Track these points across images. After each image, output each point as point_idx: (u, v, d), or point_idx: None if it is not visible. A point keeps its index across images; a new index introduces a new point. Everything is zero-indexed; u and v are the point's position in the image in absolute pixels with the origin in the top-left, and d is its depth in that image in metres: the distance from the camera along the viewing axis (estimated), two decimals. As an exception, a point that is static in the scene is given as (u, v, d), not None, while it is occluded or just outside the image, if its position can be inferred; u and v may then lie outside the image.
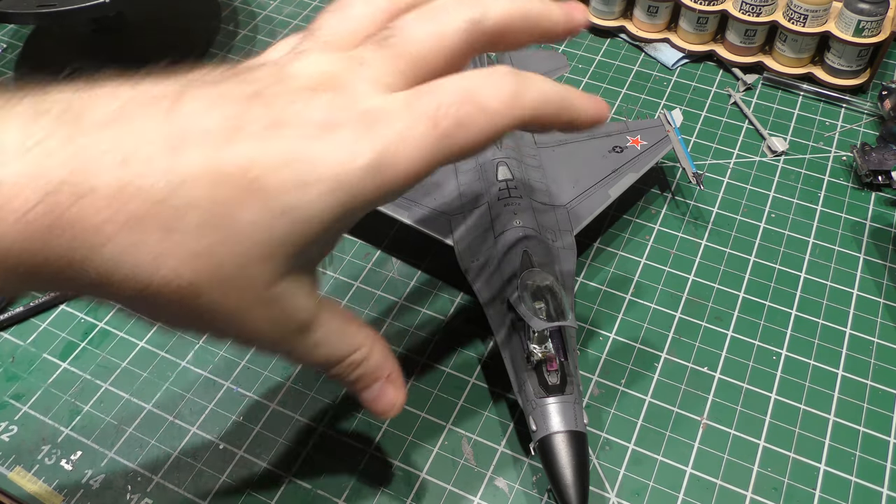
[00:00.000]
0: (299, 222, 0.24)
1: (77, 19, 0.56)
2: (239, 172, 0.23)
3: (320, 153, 0.24)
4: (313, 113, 0.24)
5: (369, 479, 0.40)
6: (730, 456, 0.41)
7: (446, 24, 0.27)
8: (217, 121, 0.23)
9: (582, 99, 0.29)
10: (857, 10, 0.57)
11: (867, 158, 0.54)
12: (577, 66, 0.64)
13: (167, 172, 0.22)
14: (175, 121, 0.23)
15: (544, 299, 0.39)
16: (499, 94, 0.26)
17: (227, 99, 0.24)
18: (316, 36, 0.28)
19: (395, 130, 0.25)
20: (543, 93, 0.28)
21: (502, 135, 0.27)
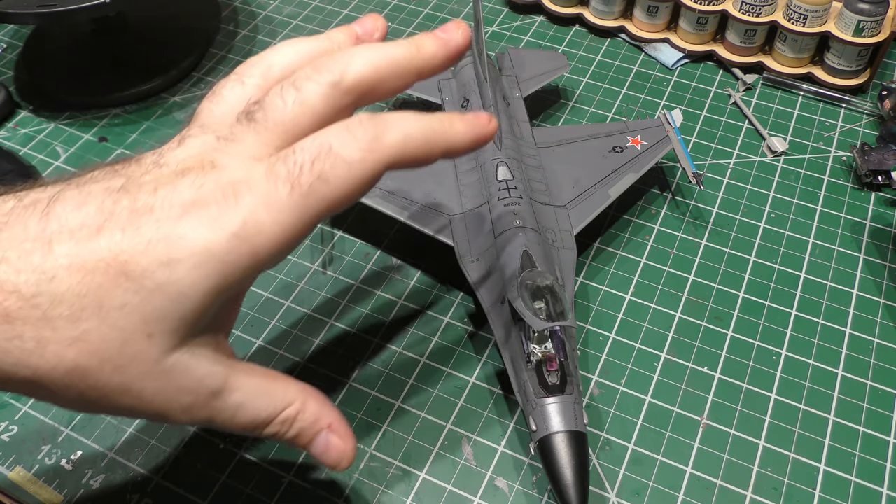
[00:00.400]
0: (174, 298, 0.25)
1: (77, 19, 0.56)
2: (108, 260, 0.25)
3: (186, 230, 0.26)
4: (180, 195, 0.26)
5: (369, 479, 0.40)
6: (730, 456, 0.41)
7: (307, 90, 0.29)
8: (86, 216, 0.26)
9: (455, 125, 0.30)
10: (857, 10, 0.57)
11: (867, 158, 0.54)
12: (577, 66, 0.64)
13: (38, 269, 0.25)
14: (49, 221, 0.25)
15: (544, 299, 0.39)
16: (356, 143, 0.27)
17: (97, 194, 0.26)
18: (196, 122, 0.30)
19: (257, 197, 0.26)
20: (405, 131, 0.28)
21: (371, 180, 0.28)
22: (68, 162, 0.57)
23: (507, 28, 0.68)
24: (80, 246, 0.25)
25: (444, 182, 0.50)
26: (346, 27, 0.33)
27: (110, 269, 0.25)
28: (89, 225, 0.25)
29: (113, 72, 0.63)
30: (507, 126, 0.51)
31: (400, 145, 0.28)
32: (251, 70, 0.31)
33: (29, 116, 0.61)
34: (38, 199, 0.26)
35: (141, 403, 0.27)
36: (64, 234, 0.25)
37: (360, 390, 0.44)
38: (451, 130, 0.30)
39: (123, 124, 0.60)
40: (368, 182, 0.28)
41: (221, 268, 0.26)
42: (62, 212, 0.26)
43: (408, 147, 0.29)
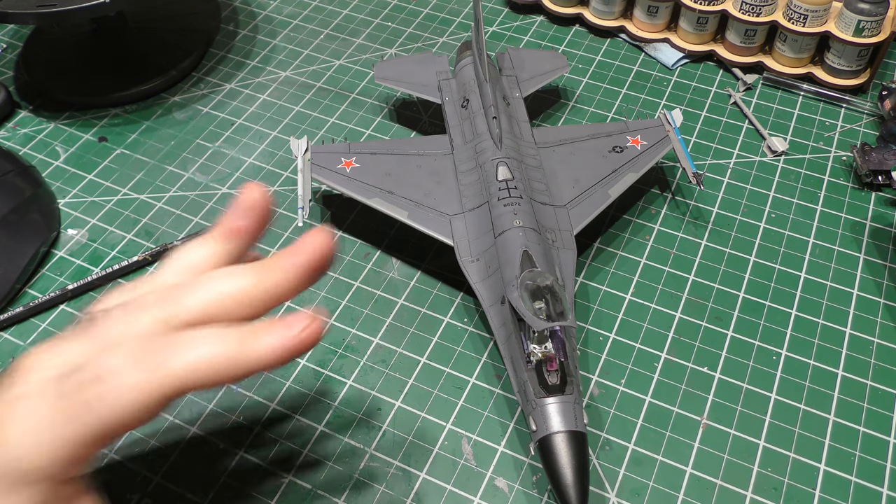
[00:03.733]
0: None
1: (77, 19, 0.56)
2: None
3: None
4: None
5: (369, 479, 0.40)
6: (730, 456, 0.41)
7: (139, 319, 0.29)
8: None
9: (260, 340, 0.28)
10: (857, 10, 0.57)
11: (867, 158, 0.54)
12: (577, 66, 0.64)
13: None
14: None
15: (544, 299, 0.39)
16: (137, 363, 0.27)
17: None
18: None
19: (33, 412, 0.28)
20: (195, 357, 0.28)
21: (155, 406, 0.28)
22: (68, 162, 0.57)
23: (507, 28, 0.68)
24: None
25: (444, 182, 0.50)
26: (220, 226, 0.32)
27: None
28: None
29: (113, 72, 0.63)
30: (507, 126, 0.51)
31: (187, 373, 0.27)
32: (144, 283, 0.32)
33: (29, 116, 0.61)
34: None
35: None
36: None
37: (360, 390, 0.44)
38: (253, 351, 0.28)
39: (123, 124, 0.60)
40: (150, 408, 0.27)
41: (5, 489, 0.27)
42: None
43: (197, 375, 0.28)
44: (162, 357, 0.28)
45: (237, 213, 0.32)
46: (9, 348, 0.46)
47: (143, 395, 0.27)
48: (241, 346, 0.28)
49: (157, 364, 0.27)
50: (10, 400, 0.28)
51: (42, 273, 0.50)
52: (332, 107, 0.61)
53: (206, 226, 0.52)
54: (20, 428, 0.27)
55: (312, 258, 0.30)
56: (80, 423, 0.27)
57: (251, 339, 0.28)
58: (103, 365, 0.28)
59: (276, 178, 0.56)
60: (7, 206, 0.51)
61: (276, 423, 0.42)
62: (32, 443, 0.27)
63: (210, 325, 0.29)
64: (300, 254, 0.30)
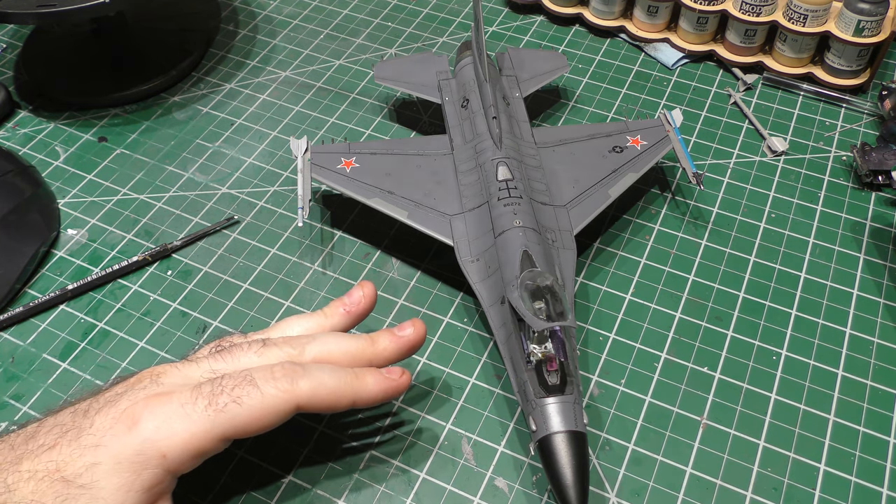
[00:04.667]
0: (93, 496, 0.31)
1: (77, 19, 0.56)
2: (51, 470, 0.31)
3: (107, 439, 0.32)
4: (117, 408, 0.33)
5: (369, 479, 0.40)
6: (730, 456, 0.41)
7: (270, 353, 0.37)
8: (47, 438, 0.33)
9: (367, 380, 0.37)
10: (857, 10, 0.57)
11: (867, 158, 0.54)
12: (577, 66, 0.64)
13: (4, 483, 0.31)
14: (27, 444, 0.32)
15: (544, 299, 0.39)
16: (273, 381, 0.34)
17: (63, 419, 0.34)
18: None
19: (174, 406, 0.33)
20: (318, 382, 0.35)
21: (281, 413, 0.34)
22: (68, 162, 0.57)
23: (507, 28, 0.68)
24: (36, 461, 0.31)
25: (444, 182, 0.50)
26: (335, 303, 0.41)
27: (52, 477, 0.31)
28: (48, 444, 0.32)
29: (113, 72, 0.63)
30: (507, 126, 0.51)
31: (310, 392, 0.35)
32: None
33: (29, 116, 0.61)
34: (30, 428, 0.33)
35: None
36: (30, 453, 0.32)
37: (360, 390, 0.44)
38: (360, 386, 0.36)
39: (123, 124, 0.60)
40: (278, 415, 0.34)
41: (133, 467, 0.32)
42: (35, 436, 0.33)
43: (317, 395, 0.35)
44: (291, 378, 0.35)
45: (349, 301, 0.41)
46: (9, 348, 0.46)
47: (275, 403, 0.34)
48: (352, 380, 0.36)
49: (289, 381, 0.34)
50: (145, 397, 0.33)
51: (42, 273, 0.50)
52: (332, 107, 0.61)
53: (205, 225, 0.52)
54: (158, 418, 0.32)
55: (409, 343, 0.39)
56: (214, 421, 0.33)
57: (360, 377, 0.37)
58: (243, 378, 0.34)
59: (276, 178, 0.56)
60: (7, 206, 0.51)
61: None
62: (167, 432, 0.32)
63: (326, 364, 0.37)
64: (401, 339, 0.39)
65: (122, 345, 0.46)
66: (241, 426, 0.34)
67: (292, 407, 0.34)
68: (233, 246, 0.51)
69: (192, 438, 0.33)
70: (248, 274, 0.50)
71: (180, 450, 0.32)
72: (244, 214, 0.53)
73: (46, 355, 0.46)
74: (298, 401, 0.34)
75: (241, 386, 0.34)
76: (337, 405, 0.36)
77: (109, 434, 0.32)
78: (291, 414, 0.35)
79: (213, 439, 0.33)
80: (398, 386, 0.38)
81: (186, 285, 0.49)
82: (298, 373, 0.35)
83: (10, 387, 0.44)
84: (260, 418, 0.34)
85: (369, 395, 0.37)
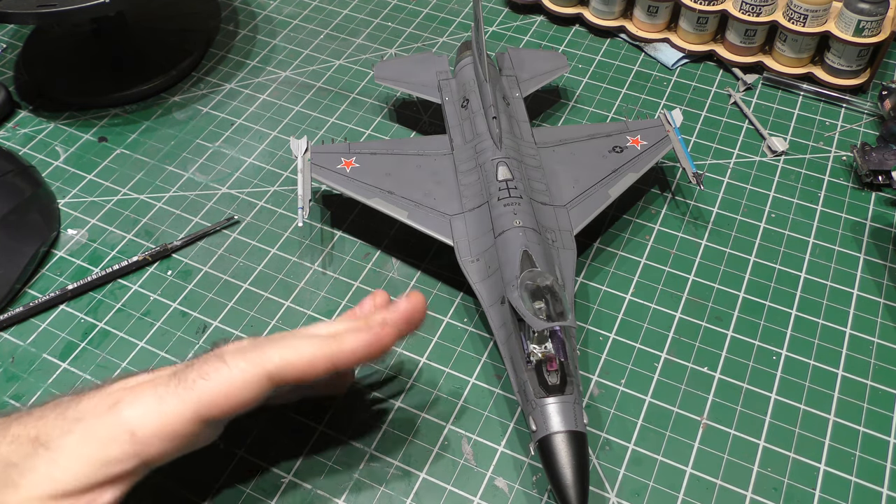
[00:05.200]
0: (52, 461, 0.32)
1: (77, 19, 0.56)
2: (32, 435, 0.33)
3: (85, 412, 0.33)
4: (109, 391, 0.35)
5: (369, 479, 0.40)
6: (730, 456, 0.41)
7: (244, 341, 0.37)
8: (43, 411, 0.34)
9: (345, 342, 0.35)
10: (857, 10, 0.57)
11: (867, 158, 0.54)
12: (577, 66, 0.64)
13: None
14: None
15: (544, 299, 0.39)
16: (242, 355, 0.34)
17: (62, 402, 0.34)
18: None
19: (151, 390, 0.34)
20: (290, 351, 0.34)
21: (253, 387, 0.33)
22: (68, 162, 0.57)
23: (507, 28, 0.68)
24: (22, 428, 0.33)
25: (444, 182, 0.50)
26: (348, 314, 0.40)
27: (29, 440, 0.33)
28: (39, 416, 0.34)
29: (113, 72, 0.63)
30: (507, 126, 0.51)
31: (281, 361, 0.34)
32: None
33: (29, 116, 0.61)
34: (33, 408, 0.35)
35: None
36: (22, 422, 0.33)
37: (360, 390, 0.44)
38: (337, 346, 0.35)
39: (123, 124, 0.60)
40: (250, 388, 0.33)
41: (100, 441, 0.32)
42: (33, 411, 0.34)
43: (290, 363, 0.34)
44: (261, 350, 0.34)
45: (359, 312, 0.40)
46: (9, 348, 0.46)
47: (244, 376, 0.33)
48: (328, 344, 0.35)
49: (258, 355, 0.34)
50: (130, 386, 0.34)
51: (42, 273, 0.50)
52: (332, 107, 0.61)
53: (205, 225, 0.52)
54: (136, 400, 0.33)
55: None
56: (183, 398, 0.33)
57: (338, 340, 0.35)
58: (214, 356, 0.34)
59: (276, 178, 0.56)
60: (7, 206, 0.51)
61: (275, 424, 0.42)
62: (141, 412, 0.33)
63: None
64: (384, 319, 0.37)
65: (122, 345, 0.46)
66: (211, 402, 0.33)
67: (263, 377, 0.33)
68: (233, 246, 0.51)
69: (162, 417, 0.33)
70: (248, 274, 0.50)
71: (149, 428, 0.33)
72: (244, 214, 0.53)
73: (46, 355, 0.46)
74: (269, 370, 0.34)
75: (209, 362, 0.34)
76: (314, 370, 0.34)
77: (91, 411, 0.33)
78: (265, 387, 0.34)
79: (184, 419, 0.33)
80: (380, 337, 0.35)
81: (186, 285, 0.49)
82: (268, 345, 0.34)
83: (10, 387, 0.44)
84: (230, 393, 0.33)
85: (349, 353, 0.35)
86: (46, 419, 0.33)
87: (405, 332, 0.38)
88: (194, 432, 0.33)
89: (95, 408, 0.33)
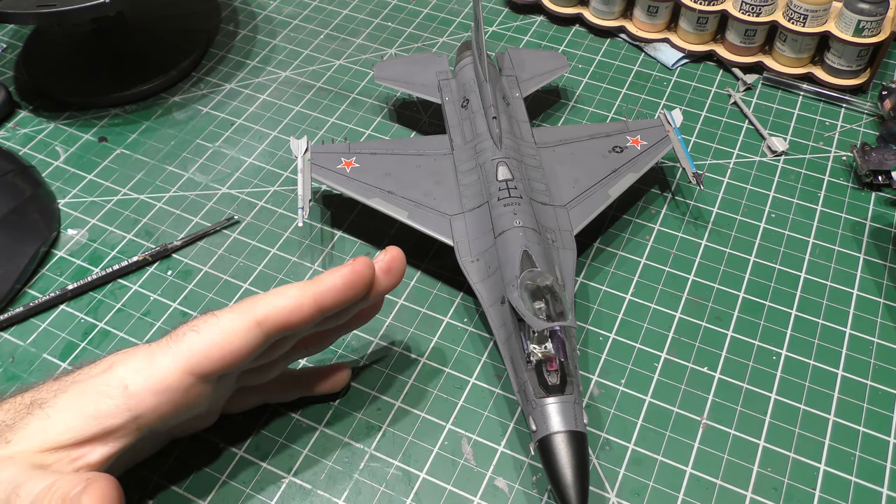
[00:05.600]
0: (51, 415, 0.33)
1: (77, 19, 0.56)
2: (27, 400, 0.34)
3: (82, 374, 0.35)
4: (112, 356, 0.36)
5: (369, 479, 0.40)
6: (730, 456, 0.41)
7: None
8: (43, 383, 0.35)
9: (325, 279, 0.36)
10: (857, 10, 0.57)
11: (867, 158, 0.54)
12: (577, 66, 0.64)
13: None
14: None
15: (544, 299, 0.39)
16: (230, 310, 0.35)
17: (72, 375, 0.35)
18: None
19: (144, 350, 0.34)
20: (279, 296, 0.35)
21: (244, 337, 0.34)
22: (68, 162, 0.57)
23: (507, 28, 0.68)
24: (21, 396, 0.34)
25: (444, 182, 0.50)
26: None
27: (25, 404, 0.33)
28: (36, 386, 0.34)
29: (113, 72, 0.63)
30: (507, 126, 0.51)
31: (268, 307, 0.34)
32: None
33: (29, 116, 0.61)
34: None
35: None
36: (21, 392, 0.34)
37: (360, 390, 0.44)
38: (318, 286, 0.35)
39: (123, 124, 0.60)
40: (241, 338, 0.34)
41: (92, 396, 0.33)
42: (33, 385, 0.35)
43: (277, 307, 0.34)
44: (250, 302, 0.35)
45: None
46: (9, 348, 0.46)
47: (233, 325, 0.34)
48: (310, 285, 0.35)
49: (246, 305, 0.34)
50: (125, 351, 0.35)
51: (42, 273, 0.50)
52: (332, 107, 0.61)
53: (205, 225, 0.52)
54: (129, 360, 0.34)
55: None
56: (174, 351, 0.33)
57: (317, 280, 0.36)
58: (205, 314, 0.35)
59: (276, 178, 0.56)
60: (7, 206, 0.51)
61: (275, 424, 0.42)
62: (133, 367, 0.33)
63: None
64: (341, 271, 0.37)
65: (123, 345, 0.46)
66: (202, 353, 0.33)
67: (252, 325, 0.34)
68: (233, 246, 0.51)
69: (153, 370, 0.33)
70: (248, 274, 0.50)
71: (141, 382, 0.33)
72: (244, 214, 0.53)
73: (46, 355, 0.46)
74: (257, 317, 0.34)
75: (201, 318, 0.34)
76: (301, 312, 0.35)
77: (87, 374, 0.34)
78: (257, 336, 0.34)
79: (175, 370, 0.33)
80: (356, 270, 0.36)
81: (186, 285, 0.49)
82: (256, 298, 0.35)
83: (10, 387, 0.44)
84: (221, 343, 0.33)
85: (330, 288, 0.35)
86: (42, 386, 0.34)
87: (385, 284, 0.38)
88: (187, 386, 0.34)
89: (90, 370, 0.34)
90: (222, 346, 0.34)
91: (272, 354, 0.37)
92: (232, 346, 0.34)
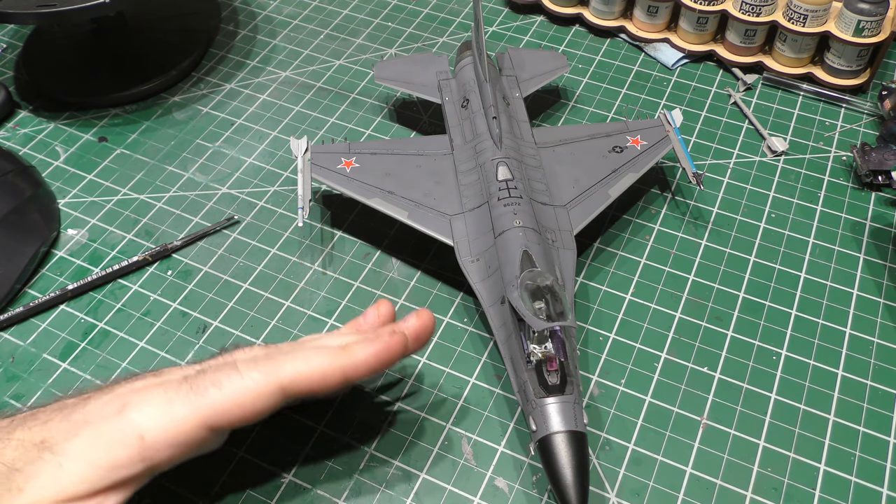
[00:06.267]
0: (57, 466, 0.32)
1: (77, 19, 0.56)
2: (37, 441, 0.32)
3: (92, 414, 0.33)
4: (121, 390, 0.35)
5: (369, 479, 0.40)
6: (730, 456, 0.41)
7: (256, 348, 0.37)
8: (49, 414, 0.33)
9: (355, 354, 0.35)
10: (857, 10, 0.57)
11: (867, 158, 0.54)
12: (577, 66, 0.64)
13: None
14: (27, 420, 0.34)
15: (544, 299, 0.39)
16: (255, 366, 0.34)
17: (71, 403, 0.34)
18: None
19: (161, 393, 0.33)
20: (303, 363, 0.34)
21: (264, 397, 0.33)
22: (68, 162, 0.57)
23: (507, 28, 0.68)
24: (28, 432, 0.32)
25: (444, 182, 0.50)
26: (351, 323, 0.41)
27: (34, 444, 0.32)
28: (44, 420, 0.33)
29: (113, 72, 0.63)
30: (507, 126, 0.51)
31: (294, 372, 0.34)
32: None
33: (29, 116, 0.61)
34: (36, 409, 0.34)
35: None
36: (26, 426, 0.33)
37: (360, 390, 0.44)
38: (348, 358, 0.35)
39: (123, 124, 0.60)
40: (262, 399, 0.33)
41: (107, 444, 0.32)
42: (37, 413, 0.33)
43: (302, 374, 0.34)
44: (275, 361, 0.34)
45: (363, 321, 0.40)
46: (9, 348, 0.46)
47: (257, 386, 0.33)
48: (340, 356, 0.35)
49: (272, 366, 0.34)
50: (138, 388, 0.34)
51: (42, 273, 0.50)
52: (332, 107, 0.61)
53: (205, 225, 0.52)
54: (145, 404, 0.33)
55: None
56: (194, 405, 0.33)
57: (348, 351, 0.35)
58: (227, 363, 0.34)
59: (276, 178, 0.56)
60: (7, 206, 0.51)
61: (275, 424, 0.42)
62: (149, 415, 0.32)
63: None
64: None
65: (123, 345, 0.46)
66: (222, 411, 0.33)
67: (276, 389, 0.34)
68: (233, 246, 0.51)
69: (172, 422, 0.32)
70: (248, 274, 0.50)
71: (159, 434, 0.32)
72: (244, 214, 0.53)
73: (46, 355, 0.46)
74: (282, 382, 0.34)
75: (222, 370, 0.34)
76: (326, 382, 0.35)
77: (99, 414, 0.33)
78: (278, 399, 0.34)
79: (193, 425, 0.33)
80: (390, 347, 0.36)
81: (186, 285, 0.49)
82: (281, 358, 0.34)
83: (10, 387, 0.44)
84: (242, 403, 0.33)
85: (361, 363, 0.35)
86: (51, 423, 0.33)
87: (412, 349, 0.38)
88: (203, 439, 0.33)
89: (103, 410, 0.33)
90: (243, 407, 0.33)
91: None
92: (253, 408, 0.34)
